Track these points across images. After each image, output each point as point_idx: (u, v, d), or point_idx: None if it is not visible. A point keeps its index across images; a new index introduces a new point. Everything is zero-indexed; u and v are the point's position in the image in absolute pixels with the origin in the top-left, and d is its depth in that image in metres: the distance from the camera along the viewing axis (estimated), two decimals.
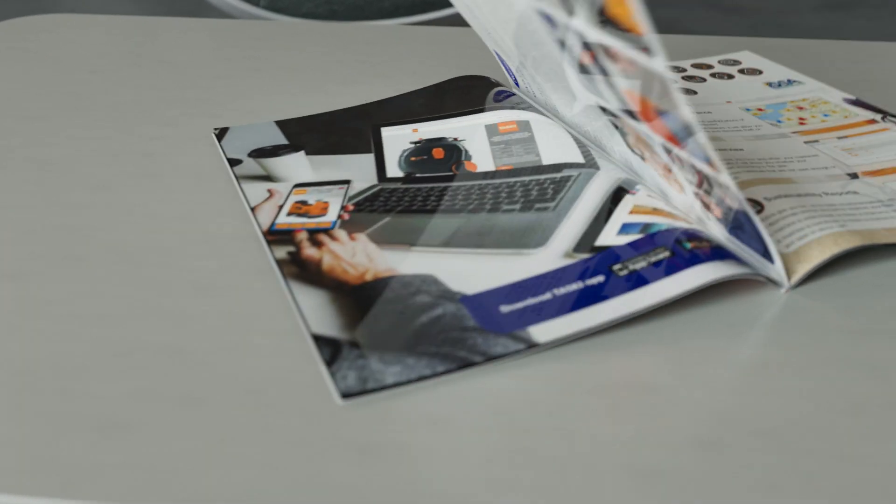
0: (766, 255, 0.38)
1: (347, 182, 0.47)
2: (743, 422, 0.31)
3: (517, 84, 0.56)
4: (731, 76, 0.60)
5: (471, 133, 0.52)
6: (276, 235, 0.42)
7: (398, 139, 0.52)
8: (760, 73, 0.60)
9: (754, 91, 0.57)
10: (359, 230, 0.42)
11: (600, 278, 0.38)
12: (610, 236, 0.40)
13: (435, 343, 0.34)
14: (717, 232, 0.40)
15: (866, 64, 0.65)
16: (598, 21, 0.35)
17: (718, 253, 0.38)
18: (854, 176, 0.46)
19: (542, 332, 0.35)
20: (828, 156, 0.48)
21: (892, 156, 0.48)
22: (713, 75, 0.60)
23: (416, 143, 0.51)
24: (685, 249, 0.38)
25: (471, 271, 0.39)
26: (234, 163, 0.49)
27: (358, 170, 0.49)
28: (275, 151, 0.51)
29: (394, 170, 0.49)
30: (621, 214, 0.42)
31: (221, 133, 0.53)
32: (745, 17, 2.22)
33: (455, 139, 0.51)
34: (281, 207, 0.45)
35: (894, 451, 0.30)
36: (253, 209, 0.44)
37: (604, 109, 0.43)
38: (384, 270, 0.39)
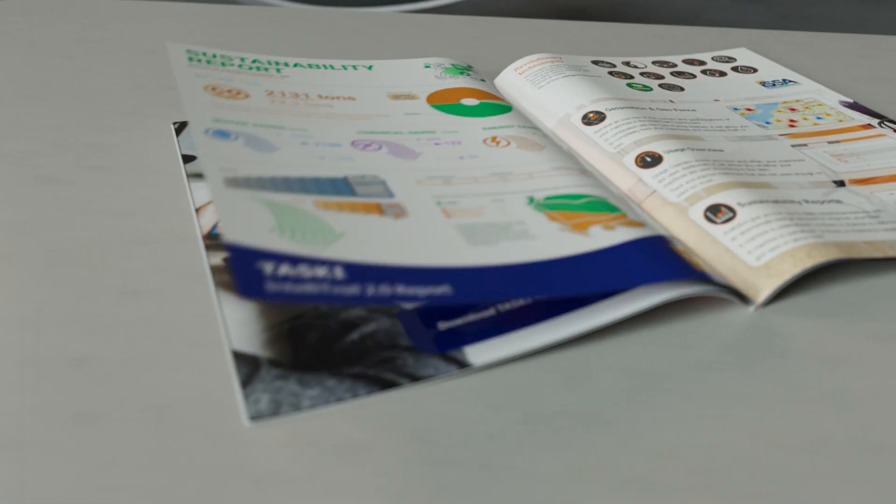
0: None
1: None
2: (686, 459, 0.28)
3: None
4: (723, 73, 0.57)
5: None
6: (215, 239, 0.40)
7: None
8: (755, 71, 0.57)
9: (745, 90, 0.54)
10: None
11: None
12: None
13: (362, 363, 0.32)
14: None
15: (878, 59, 0.61)
16: None
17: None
18: (840, 183, 0.42)
19: (478, 352, 0.32)
20: (815, 161, 0.45)
21: (885, 163, 0.45)
22: (704, 72, 0.57)
23: None
24: None
25: None
26: (188, 159, 0.47)
27: None
28: None
29: None
30: None
31: (181, 127, 0.51)
32: (771, 8, 2.16)
33: None
34: None
35: (853, 498, 0.27)
36: (197, 210, 0.42)
37: None
38: None
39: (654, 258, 0.34)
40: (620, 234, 0.35)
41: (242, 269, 0.28)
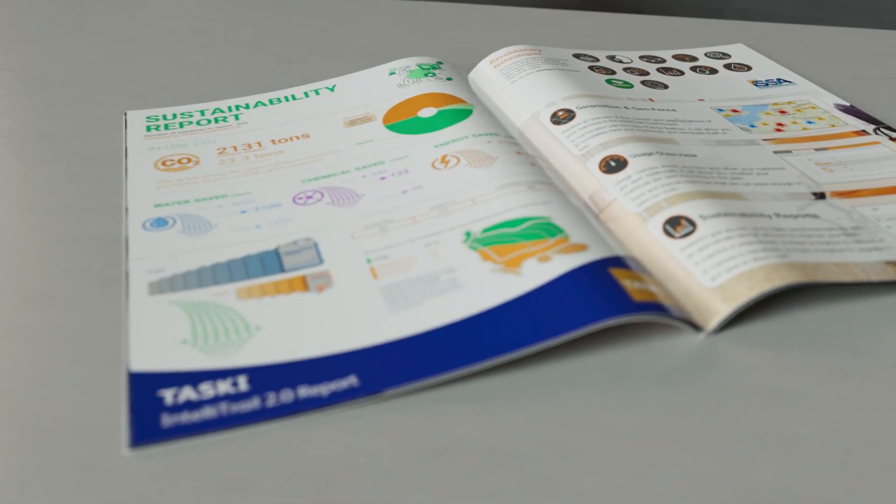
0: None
1: None
2: None
3: None
4: (714, 70, 0.53)
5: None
6: None
7: None
8: (748, 69, 0.53)
9: (735, 90, 0.50)
10: None
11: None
12: None
13: None
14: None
15: (887, 56, 0.57)
16: None
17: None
18: (820, 196, 0.39)
19: None
20: (796, 170, 0.41)
21: (874, 174, 0.41)
22: (694, 69, 0.53)
23: None
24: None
25: None
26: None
27: None
28: None
29: None
30: None
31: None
32: None
33: None
34: None
35: None
36: (128, 209, 0.40)
37: None
38: None
39: (589, 293, 0.31)
40: (556, 267, 0.33)
41: (140, 405, 0.28)
